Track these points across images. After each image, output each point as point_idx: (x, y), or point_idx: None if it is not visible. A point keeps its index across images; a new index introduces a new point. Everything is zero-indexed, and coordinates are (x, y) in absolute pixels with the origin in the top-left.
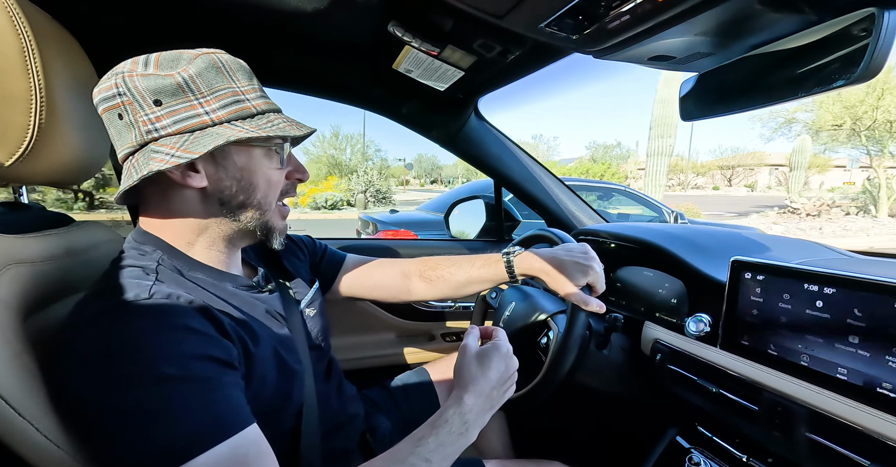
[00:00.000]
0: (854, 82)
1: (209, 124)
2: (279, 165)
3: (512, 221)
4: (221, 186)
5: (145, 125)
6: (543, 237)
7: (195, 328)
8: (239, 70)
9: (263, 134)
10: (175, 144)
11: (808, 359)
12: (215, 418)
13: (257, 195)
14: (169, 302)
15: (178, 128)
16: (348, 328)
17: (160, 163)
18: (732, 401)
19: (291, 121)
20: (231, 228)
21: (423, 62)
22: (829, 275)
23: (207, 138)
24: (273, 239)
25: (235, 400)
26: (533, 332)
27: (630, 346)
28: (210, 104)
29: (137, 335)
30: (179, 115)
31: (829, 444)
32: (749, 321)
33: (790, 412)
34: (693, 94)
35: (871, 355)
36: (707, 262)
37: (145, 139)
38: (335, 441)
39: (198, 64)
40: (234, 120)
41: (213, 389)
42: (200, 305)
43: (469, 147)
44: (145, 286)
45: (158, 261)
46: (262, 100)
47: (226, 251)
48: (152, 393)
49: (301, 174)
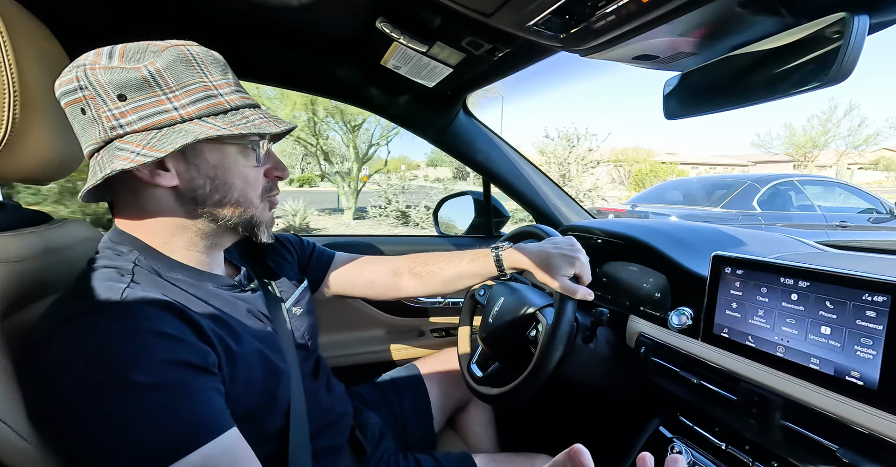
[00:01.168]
0: (826, 84)
1: (178, 121)
2: (256, 163)
3: (501, 217)
4: (194, 185)
5: (109, 121)
6: (531, 233)
7: (168, 332)
8: (212, 63)
9: (236, 131)
10: (141, 142)
11: (783, 350)
12: (188, 425)
13: (234, 194)
14: (141, 305)
15: (145, 125)
16: (337, 325)
17: (124, 162)
18: (712, 392)
19: (269, 117)
20: (210, 227)
21: (411, 59)
22: (803, 269)
23: (175, 136)
24: (260, 233)
25: (210, 406)
26: (522, 326)
27: (615, 340)
28: (179, 99)
29: (106, 341)
30: (145, 110)
31: (802, 431)
32: (729, 314)
33: (766, 401)
34: (676, 93)
35: (841, 345)
36: (689, 257)
37: (109, 136)
38: (325, 438)
39: (166, 57)
40: (205, 116)
41: (187, 395)
42: (176, 308)
43: (458, 143)
44: (118, 289)
45: (135, 261)
46: (238, 94)
47: (205, 251)
48: (121, 403)
49: (281, 171)
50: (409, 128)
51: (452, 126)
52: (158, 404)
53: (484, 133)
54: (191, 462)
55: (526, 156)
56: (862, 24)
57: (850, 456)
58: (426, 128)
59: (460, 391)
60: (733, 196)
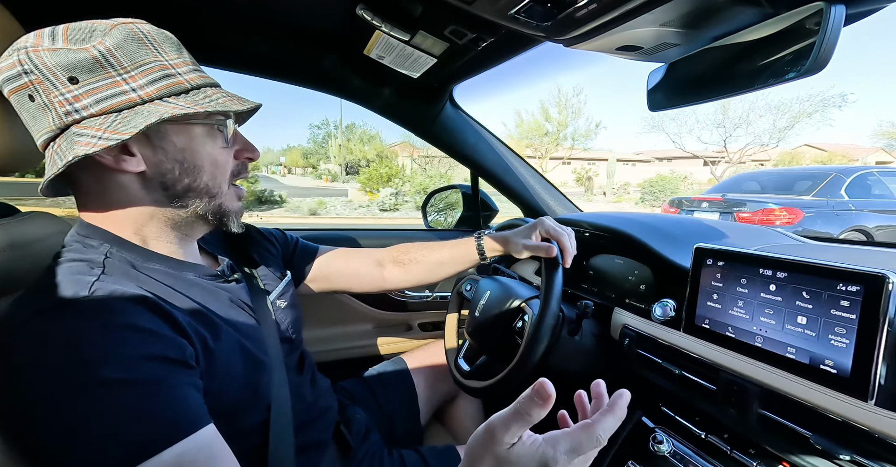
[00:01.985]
0: (803, 75)
1: (138, 102)
2: (224, 144)
3: (489, 211)
4: (162, 169)
5: (62, 106)
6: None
7: (142, 326)
8: (165, 41)
9: (201, 110)
10: (101, 126)
11: (761, 340)
12: (164, 422)
13: (203, 178)
14: (112, 299)
15: (102, 108)
16: (325, 320)
17: (86, 147)
18: (693, 382)
19: (232, 95)
20: (179, 215)
21: (394, 48)
22: (780, 260)
23: (138, 117)
24: (230, 223)
25: (186, 402)
26: (508, 319)
27: (600, 332)
28: (136, 80)
29: (76, 337)
30: (101, 93)
31: (778, 419)
32: (710, 305)
33: (744, 390)
34: (660, 85)
35: (816, 335)
36: (673, 249)
37: (65, 122)
38: (308, 434)
39: (115, 35)
40: (166, 96)
41: (163, 391)
42: (150, 300)
43: (444, 136)
44: (86, 282)
45: (106, 253)
46: (196, 73)
47: (176, 241)
48: (93, 400)
49: (251, 153)
50: (396, 120)
51: (440, 118)
52: (133, 401)
53: (471, 125)
54: (165, 459)
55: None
56: (838, 14)
57: (822, 442)
58: (413, 120)
59: (448, 384)
60: (822, 186)
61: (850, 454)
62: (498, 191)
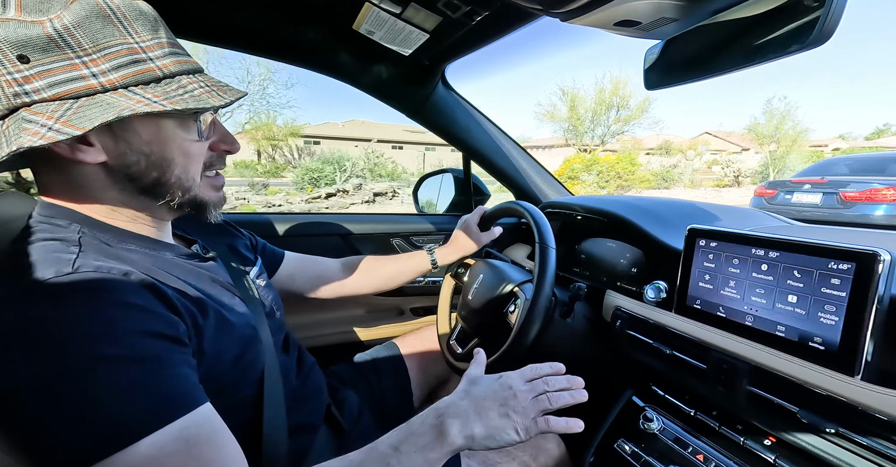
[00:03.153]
0: (807, 47)
1: (98, 90)
2: (198, 137)
3: (481, 195)
4: (126, 161)
5: (10, 86)
6: (512, 210)
7: (135, 303)
8: (137, 19)
9: (170, 106)
10: (53, 114)
11: (752, 320)
12: (164, 398)
13: (174, 170)
14: (100, 275)
15: (56, 93)
16: (316, 305)
17: (33, 137)
18: (684, 362)
19: (212, 84)
20: (152, 205)
21: (385, 23)
22: (774, 240)
23: (95, 109)
24: (208, 213)
25: (185, 379)
26: (501, 302)
27: (592, 314)
28: (98, 64)
29: (64, 316)
30: (55, 76)
31: (766, 395)
32: (702, 286)
33: (734, 368)
34: (657, 63)
35: (806, 313)
36: (665, 232)
37: (13, 103)
38: (299, 415)
39: (76, 10)
40: (132, 85)
41: (163, 369)
42: (140, 278)
43: (436, 117)
44: (67, 260)
45: (79, 232)
46: (173, 58)
47: (153, 223)
48: (94, 378)
49: (229, 145)
50: (386, 100)
51: (431, 98)
52: (131, 377)
53: (464, 107)
54: (167, 434)
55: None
56: None
57: (809, 416)
58: (403, 100)
59: (440, 367)
60: None
61: (836, 427)
62: (490, 174)
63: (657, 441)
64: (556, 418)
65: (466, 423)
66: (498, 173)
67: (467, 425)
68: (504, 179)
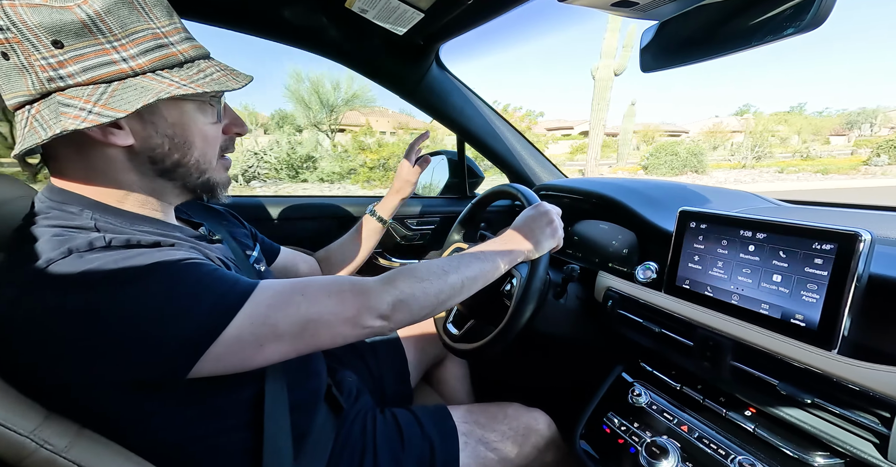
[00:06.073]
0: (803, 30)
1: (129, 74)
2: (215, 119)
3: (475, 178)
4: (152, 144)
5: (45, 71)
6: (507, 193)
7: (179, 257)
8: (156, 5)
9: (199, 89)
10: (90, 97)
11: (737, 298)
12: (233, 282)
13: (194, 154)
14: (137, 246)
15: (90, 78)
16: None
17: (76, 121)
18: (672, 339)
19: (225, 69)
20: (166, 188)
21: (378, 0)
22: (761, 222)
23: (131, 92)
24: (218, 194)
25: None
26: (497, 282)
27: (584, 295)
28: (127, 49)
29: (104, 268)
30: (89, 60)
31: (748, 369)
32: (691, 266)
33: (719, 345)
34: (653, 45)
35: (790, 291)
36: (657, 213)
37: (47, 88)
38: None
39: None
40: (158, 69)
41: (214, 269)
42: (170, 244)
43: (430, 98)
44: (97, 236)
45: (92, 218)
46: (189, 43)
47: (161, 208)
48: (161, 279)
49: (240, 128)
50: (378, 81)
51: (425, 79)
52: (196, 273)
53: (458, 88)
54: (258, 301)
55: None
56: None
57: (788, 388)
58: (397, 80)
59: (436, 348)
60: None
61: (812, 398)
62: (484, 156)
63: (645, 413)
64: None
65: (529, 235)
66: (492, 155)
67: (530, 237)
68: (498, 162)
